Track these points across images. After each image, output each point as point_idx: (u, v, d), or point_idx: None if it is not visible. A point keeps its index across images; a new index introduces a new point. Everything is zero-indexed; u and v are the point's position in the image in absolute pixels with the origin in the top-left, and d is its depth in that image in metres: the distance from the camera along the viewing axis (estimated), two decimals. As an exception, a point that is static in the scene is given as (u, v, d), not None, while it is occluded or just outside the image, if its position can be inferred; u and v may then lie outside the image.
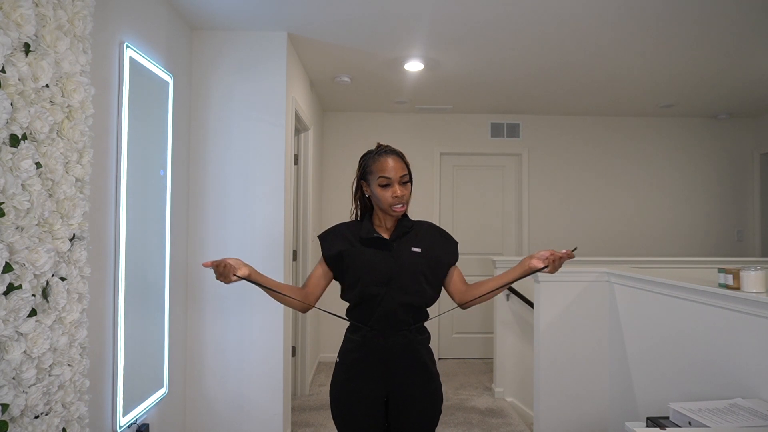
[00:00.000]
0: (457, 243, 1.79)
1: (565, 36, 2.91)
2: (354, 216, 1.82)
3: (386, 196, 1.65)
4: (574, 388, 2.71)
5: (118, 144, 2.02)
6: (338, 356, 1.74)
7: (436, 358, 1.80)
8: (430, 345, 1.76)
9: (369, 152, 1.73)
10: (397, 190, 1.64)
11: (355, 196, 1.80)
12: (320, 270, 1.75)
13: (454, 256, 1.76)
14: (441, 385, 1.75)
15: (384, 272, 1.63)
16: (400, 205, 1.66)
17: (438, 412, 1.73)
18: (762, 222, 5.05)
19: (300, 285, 3.86)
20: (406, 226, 1.72)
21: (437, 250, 1.73)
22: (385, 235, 1.71)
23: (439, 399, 1.72)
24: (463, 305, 1.71)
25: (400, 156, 1.70)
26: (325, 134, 4.96)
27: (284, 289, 1.67)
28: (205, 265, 1.44)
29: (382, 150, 1.70)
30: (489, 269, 4.31)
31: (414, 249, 1.68)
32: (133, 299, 2.13)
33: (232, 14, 2.65)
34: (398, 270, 1.64)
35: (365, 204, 1.78)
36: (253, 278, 1.54)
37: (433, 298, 1.72)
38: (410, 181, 1.70)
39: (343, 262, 1.70)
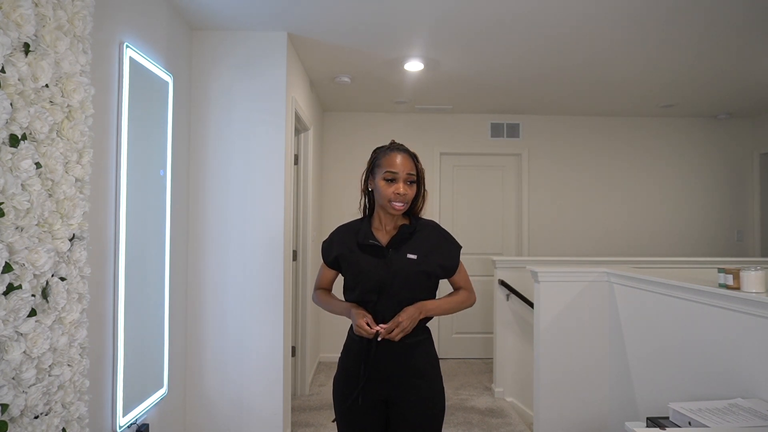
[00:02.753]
0: (460, 247, 1.76)
1: (566, 36, 2.91)
2: (361, 209, 1.80)
3: (388, 191, 1.63)
4: (574, 388, 2.71)
5: (118, 144, 2.02)
6: (342, 352, 1.75)
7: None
8: (432, 346, 1.72)
9: (381, 147, 1.72)
10: (401, 187, 1.62)
11: (363, 188, 1.77)
12: (330, 273, 1.83)
13: (452, 267, 1.72)
14: (443, 389, 1.70)
15: (377, 280, 1.62)
16: (400, 204, 1.63)
17: (438, 418, 1.67)
18: (762, 222, 5.04)
19: (300, 284, 3.86)
20: (406, 232, 1.67)
21: (436, 256, 1.68)
22: (384, 239, 1.69)
23: (438, 404, 1.67)
24: None
25: (412, 156, 1.68)
26: (325, 134, 4.96)
27: (338, 305, 1.76)
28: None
29: (395, 146, 1.69)
30: (489, 269, 4.31)
31: (410, 256, 1.64)
32: (133, 299, 2.13)
33: (232, 14, 2.65)
34: (391, 278, 1.61)
35: (371, 198, 1.76)
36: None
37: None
38: (419, 184, 1.69)
39: (341, 266, 1.74)
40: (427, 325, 1.73)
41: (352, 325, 1.71)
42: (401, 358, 1.63)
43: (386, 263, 1.63)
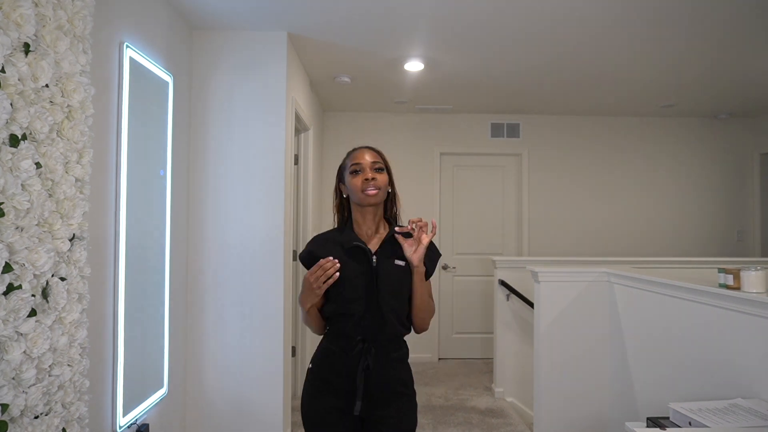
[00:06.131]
0: (439, 255, 1.66)
1: (566, 35, 2.91)
2: (336, 222, 1.69)
3: (357, 182, 1.54)
4: (574, 388, 2.71)
5: (118, 144, 2.02)
6: (311, 362, 1.62)
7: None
8: (408, 361, 1.63)
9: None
10: (369, 173, 1.53)
11: (336, 202, 1.68)
12: None
13: (429, 271, 1.60)
14: (416, 405, 1.62)
15: (363, 289, 1.52)
16: (372, 189, 1.52)
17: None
18: (762, 222, 5.04)
19: (300, 284, 3.85)
20: (391, 238, 1.57)
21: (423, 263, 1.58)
22: (370, 245, 1.58)
23: (412, 420, 1.58)
24: (415, 326, 1.62)
25: (375, 150, 1.61)
26: (325, 134, 4.96)
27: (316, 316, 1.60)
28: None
29: (357, 147, 1.64)
30: (489, 269, 4.30)
31: (398, 263, 1.55)
32: (133, 299, 2.13)
33: (232, 14, 2.65)
34: (379, 287, 1.52)
35: (347, 210, 1.65)
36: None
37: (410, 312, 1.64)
38: (389, 175, 1.60)
39: None
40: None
41: (325, 335, 1.62)
42: (379, 373, 1.53)
43: (374, 270, 1.53)
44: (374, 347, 1.52)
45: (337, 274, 1.43)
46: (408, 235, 1.53)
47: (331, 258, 1.43)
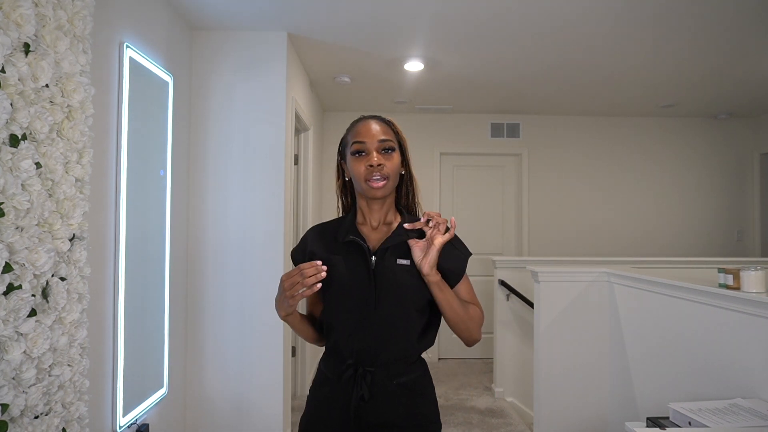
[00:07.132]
0: (469, 254, 1.34)
1: (566, 36, 2.91)
2: (340, 210, 1.41)
3: (360, 167, 1.23)
4: (574, 388, 2.71)
5: (118, 144, 2.02)
6: (310, 390, 1.35)
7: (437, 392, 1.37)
8: (431, 383, 1.33)
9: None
10: (374, 157, 1.22)
11: (338, 183, 1.38)
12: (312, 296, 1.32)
13: (457, 271, 1.29)
14: None
15: (357, 295, 1.22)
16: (379, 180, 1.22)
17: None
18: (762, 222, 5.04)
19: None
20: (399, 234, 1.24)
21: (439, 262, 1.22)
22: (371, 237, 1.28)
23: None
24: (463, 341, 1.32)
25: (384, 121, 1.30)
26: (325, 134, 4.96)
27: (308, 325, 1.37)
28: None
29: (362, 116, 1.35)
30: (489, 269, 4.30)
31: (400, 262, 1.23)
32: (133, 299, 2.13)
33: (232, 14, 2.65)
34: (376, 293, 1.21)
35: (351, 194, 1.37)
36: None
37: (431, 327, 1.30)
38: (402, 153, 1.29)
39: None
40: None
41: (322, 356, 1.34)
42: (389, 403, 1.22)
43: (373, 271, 1.22)
44: (371, 372, 1.21)
45: (319, 284, 1.12)
46: (421, 234, 1.22)
47: (318, 263, 1.13)
